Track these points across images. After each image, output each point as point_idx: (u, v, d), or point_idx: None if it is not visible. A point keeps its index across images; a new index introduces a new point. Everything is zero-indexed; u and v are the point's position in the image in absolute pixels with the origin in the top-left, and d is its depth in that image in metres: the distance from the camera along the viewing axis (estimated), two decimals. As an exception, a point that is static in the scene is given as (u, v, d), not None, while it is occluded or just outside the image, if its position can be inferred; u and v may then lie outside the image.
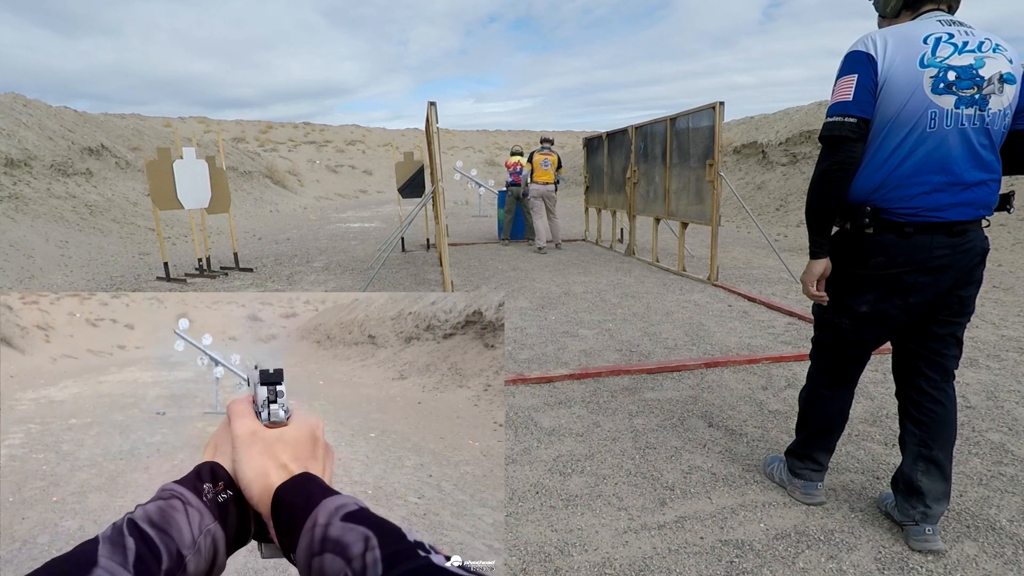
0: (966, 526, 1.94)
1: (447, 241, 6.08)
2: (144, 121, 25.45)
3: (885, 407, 2.85)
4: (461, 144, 43.60)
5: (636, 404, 2.99)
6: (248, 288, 6.48)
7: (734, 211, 11.29)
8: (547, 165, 8.32)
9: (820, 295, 1.86)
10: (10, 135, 9.63)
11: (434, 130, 4.55)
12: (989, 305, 4.67)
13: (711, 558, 1.82)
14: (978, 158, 1.62)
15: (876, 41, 1.62)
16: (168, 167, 6.51)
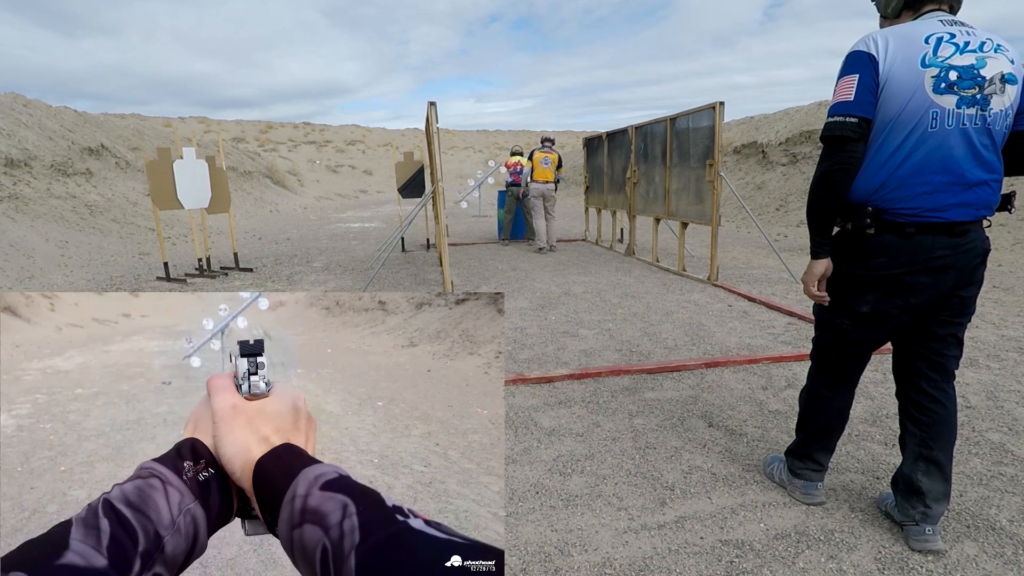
0: (966, 526, 1.94)
1: (447, 241, 6.07)
2: (144, 121, 25.44)
3: (885, 407, 2.85)
4: (461, 144, 43.58)
5: (636, 404, 2.99)
6: (248, 288, 6.48)
7: (734, 211, 11.29)
8: (547, 163, 8.32)
9: (821, 295, 1.86)
10: (10, 135, 9.62)
11: (434, 130, 4.55)
12: (989, 305, 4.67)
13: (711, 558, 1.82)
14: (979, 158, 1.62)
15: (877, 41, 1.62)
16: (168, 167, 6.50)
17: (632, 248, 7.81)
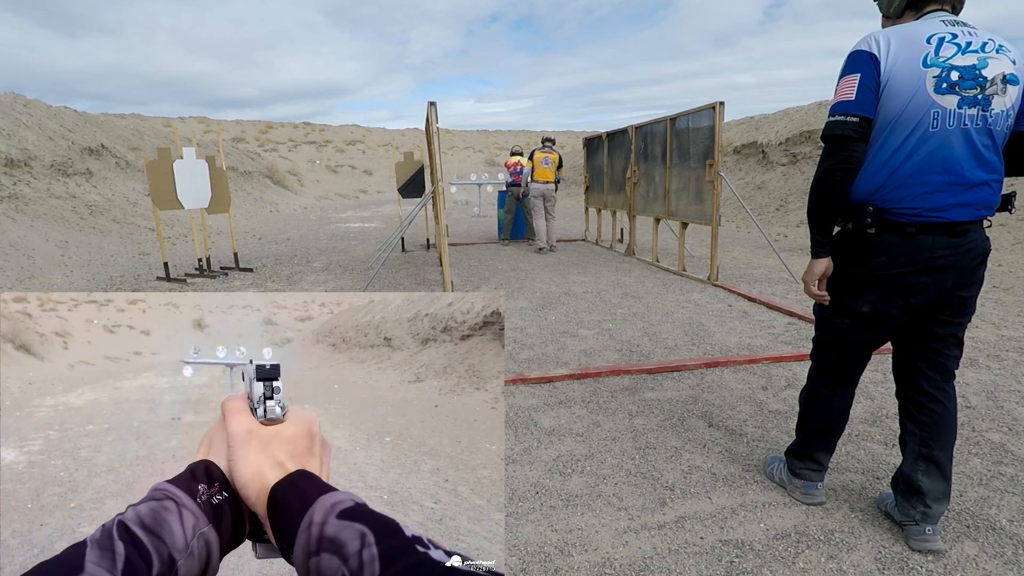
0: (966, 526, 1.94)
1: (447, 241, 6.07)
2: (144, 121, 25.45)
3: (885, 407, 2.85)
4: (461, 144, 43.59)
5: (636, 404, 2.99)
6: (248, 288, 6.47)
7: (734, 211, 11.29)
8: (547, 163, 8.31)
9: (821, 295, 1.86)
10: (10, 135, 9.62)
11: (434, 130, 4.55)
12: (989, 305, 4.67)
13: (711, 558, 1.82)
14: (980, 158, 1.61)
15: (879, 41, 1.62)
16: (168, 167, 6.50)
17: (632, 248, 7.81)
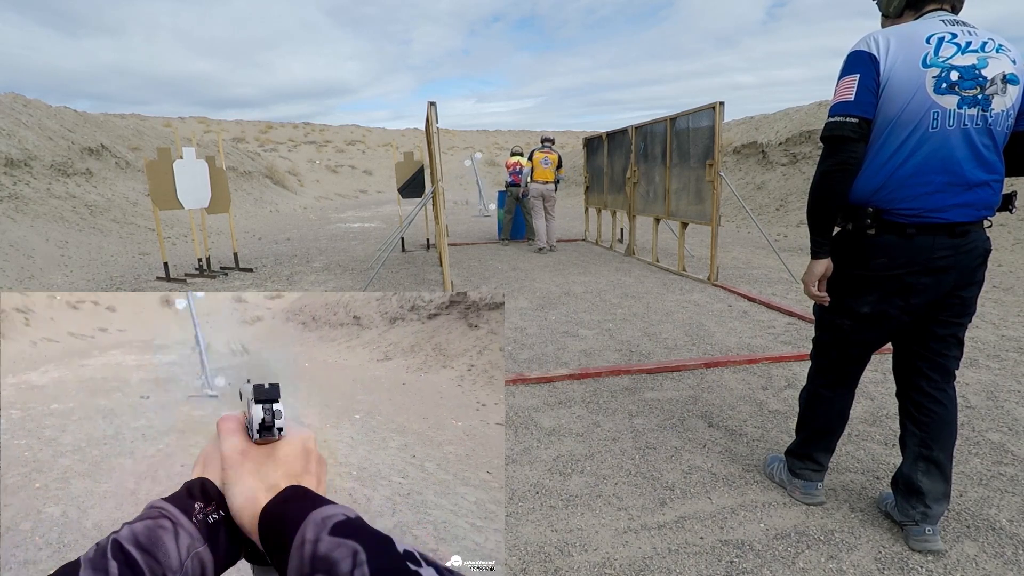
0: (966, 526, 1.94)
1: (447, 241, 6.07)
2: (144, 121, 25.45)
3: (885, 407, 2.85)
4: (461, 144, 43.57)
5: (636, 404, 2.99)
6: (248, 288, 6.48)
7: (734, 211, 11.29)
8: (547, 164, 8.31)
9: (821, 295, 1.86)
10: (10, 135, 9.62)
11: (434, 130, 4.55)
12: (989, 305, 4.67)
13: (711, 558, 1.82)
14: (980, 158, 1.61)
15: (878, 41, 1.62)
16: (168, 167, 6.51)
17: (632, 248, 7.81)
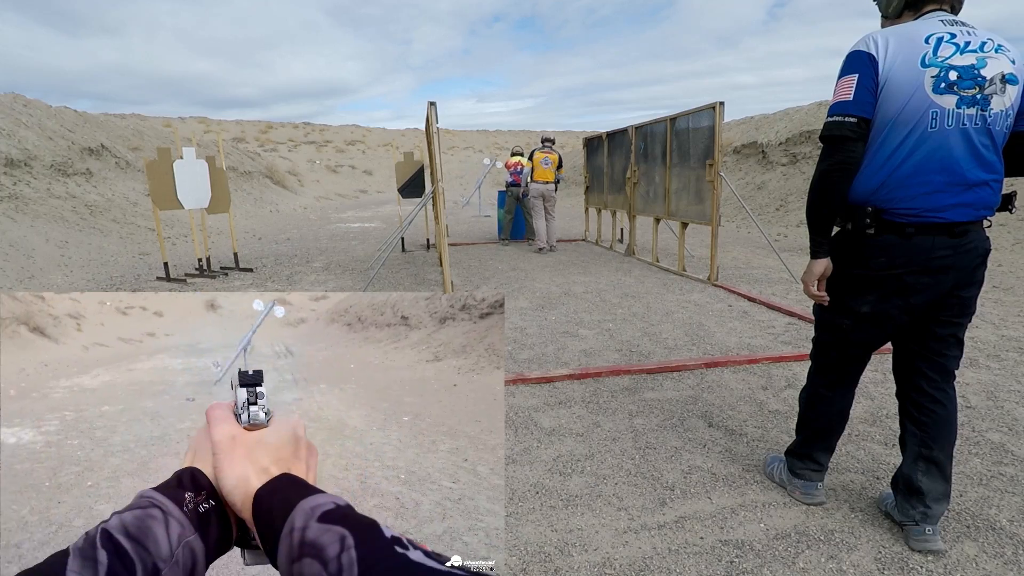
0: (966, 526, 1.94)
1: (447, 241, 6.08)
2: (144, 121, 25.46)
3: (885, 407, 2.85)
4: (461, 144, 43.59)
5: (636, 404, 2.99)
6: (248, 288, 6.48)
7: (734, 211, 11.29)
8: (547, 164, 8.32)
9: (821, 295, 1.86)
10: (10, 135, 9.62)
11: (434, 130, 4.55)
12: (989, 305, 4.67)
13: (711, 558, 1.82)
14: (980, 158, 1.61)
15: (877, 41, 1.62)
16: (168, 167, 6.51)
17: (632, 248, 7.81)
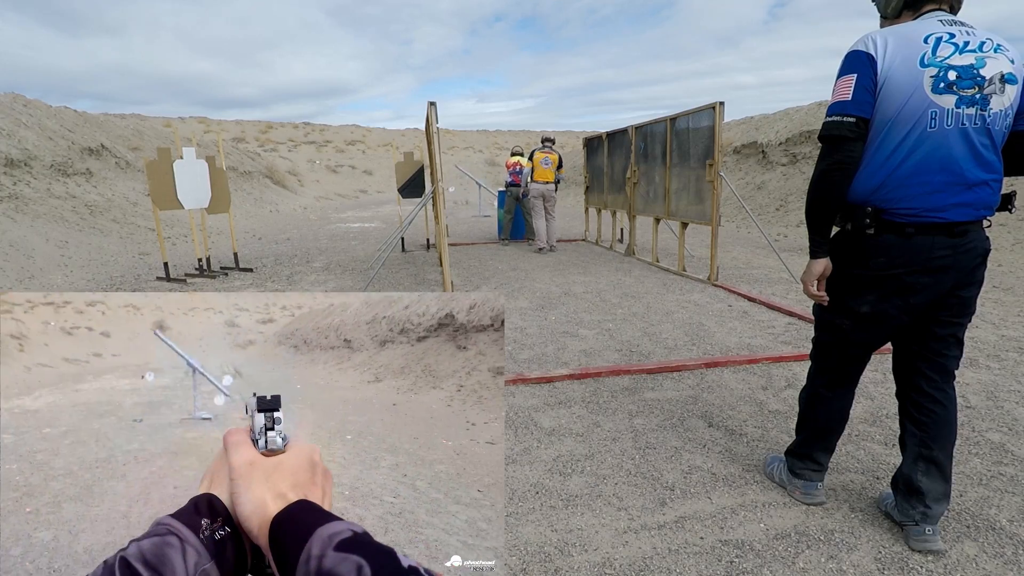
0: (966, 526, 1.94)
1: (447, 241, 6.08)
2: (144, 121, 25.46)
3: (885, 407, 2.85)
4: (461, 144, 43.59)
5: (636, 404, 2.99)
6: (248, 288, 6.48)
7: (734, 211, 11.29)
8: (547, 164, 8.30)
9: (820, 295, 1.86)
10: (10, 135, 9.62)
11: (434, 130, 4.56)
12: (989, 305, 4.67)
13: (711, 558, 1.82)
14: (979, 158, 1.61)
15: (876, 41, 1.62)
16: (168, 167, 6.51)
17: (632, 248, 7.81)
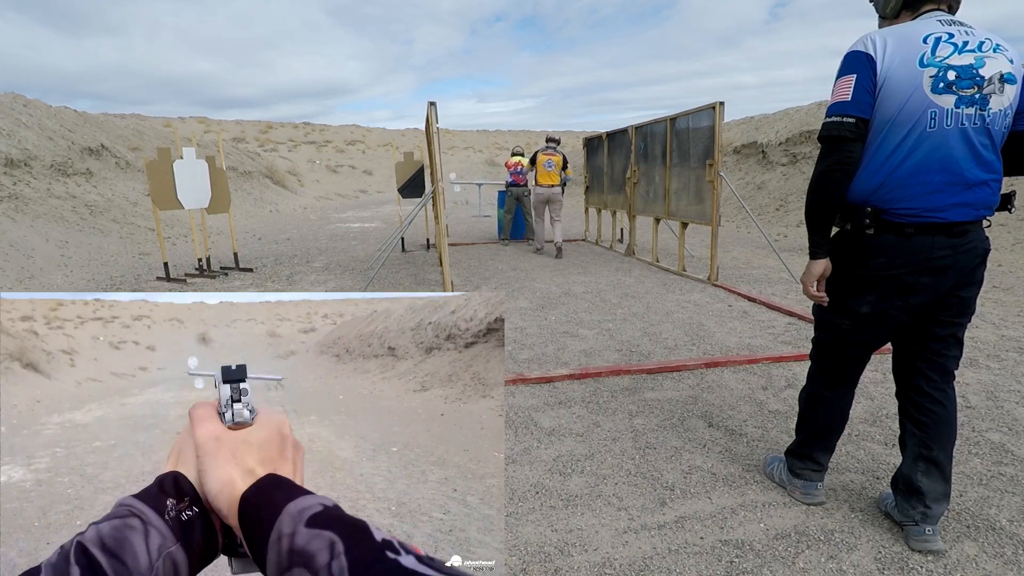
0: (966, 526, 1.94)
1: (447, 241, 6.08)
2: (144, 121, 25.45)
3: (885, 407, 2.85)
4: (461, 144, 43.59)
5: (636, 404, 2.99)
6: (248, 288, 6.48)
7: (734, 211, 11.29)
8: (551, 166, 7.98)
9: (820, 295, 1.86)
10: (10, 135, 9.62)
11: (434, 130, 4.55)
12: (989, 305, 4.67)
13: (711, 558, 1.82)
14: (979, 158, 1.61)
15: (875, 41, 1.62)
16: (168, 167, 6.51)
17: (632, 248, 7.81)
